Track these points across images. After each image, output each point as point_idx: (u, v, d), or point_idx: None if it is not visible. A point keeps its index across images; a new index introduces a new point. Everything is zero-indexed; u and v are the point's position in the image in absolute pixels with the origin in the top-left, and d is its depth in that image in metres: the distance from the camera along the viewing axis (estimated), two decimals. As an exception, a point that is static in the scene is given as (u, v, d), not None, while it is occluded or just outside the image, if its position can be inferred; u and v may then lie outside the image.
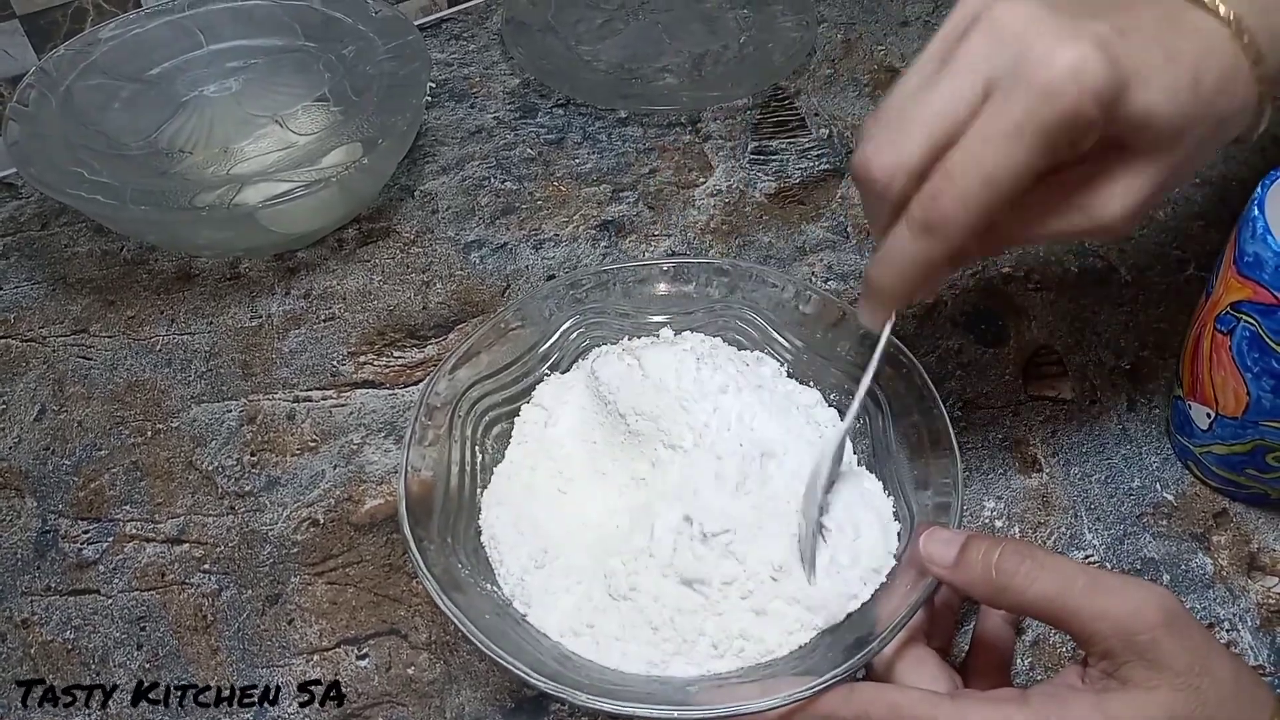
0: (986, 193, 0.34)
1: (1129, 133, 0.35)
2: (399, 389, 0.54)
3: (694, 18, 0.78)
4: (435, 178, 0.66)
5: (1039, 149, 0.33)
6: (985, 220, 0.34)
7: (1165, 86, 0.34)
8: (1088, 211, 0.37)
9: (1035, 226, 0.37)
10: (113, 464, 0.52)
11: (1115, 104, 0.33)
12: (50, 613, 0.46)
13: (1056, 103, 0.32)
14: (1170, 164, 0.36)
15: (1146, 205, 0.37)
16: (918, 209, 0.35)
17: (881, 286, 0.37)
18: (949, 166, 0.34)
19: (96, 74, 0.63)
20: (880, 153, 0.35)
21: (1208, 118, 0.36)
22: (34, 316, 0.59)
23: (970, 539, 0.36)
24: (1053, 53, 0.32)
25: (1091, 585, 0.33)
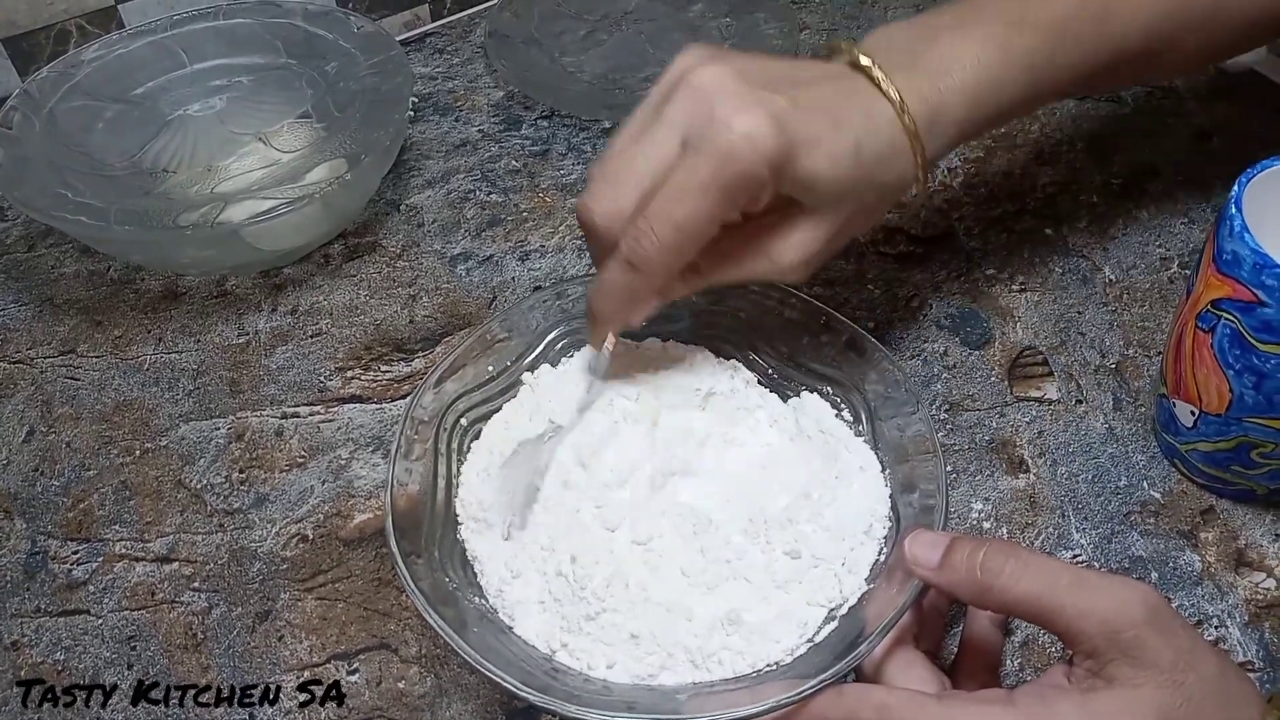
0: (678, 237, 0.39)
1: (799, 192, 0.41)
2: (387, 403, 0.54)
3: (676, 27, 0.79)
4: (420, 191, 0.66)
5: (721, 201, 0.38)
6: (680, 259, 0.40)
7: (829, 154, 0.40)
8: (770, 258, 0.42)
9: (727, 268, 0.43)
10: (101, 484, 0.52)
11: (784, 167, 0.39)
12: (40, 634, 0.46)
13: (733, 163, 0.38)
14: (836, 221, 0.42)
15: (819, 255, 0.43)
16: (624, 247, 0.40)
17: (598, 312, 0.43)
18: (649, 213, 0.39)
19: (80, 95, 0.63)
20: (599, 201, 0.40)
21: (868, 183, 0.42)
22: (21, 338, 0.59)
23: (955, 540, 0.36)
24: (732, 119, 0.38)
25: (1076, 583, 0.33)
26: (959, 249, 0.61)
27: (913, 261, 0.60)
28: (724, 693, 0.37)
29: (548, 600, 0.40)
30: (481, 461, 0.45)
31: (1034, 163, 0.66)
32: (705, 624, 0.39)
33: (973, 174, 0.66)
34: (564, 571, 0.40)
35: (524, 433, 0.45)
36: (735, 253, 0.43)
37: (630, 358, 0.48)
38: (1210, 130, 0.68)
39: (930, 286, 0.59)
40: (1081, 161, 0.66)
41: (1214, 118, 0.69)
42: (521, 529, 0.42)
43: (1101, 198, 0.64)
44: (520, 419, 0.46)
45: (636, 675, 0.38)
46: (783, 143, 0.38)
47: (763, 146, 0.38)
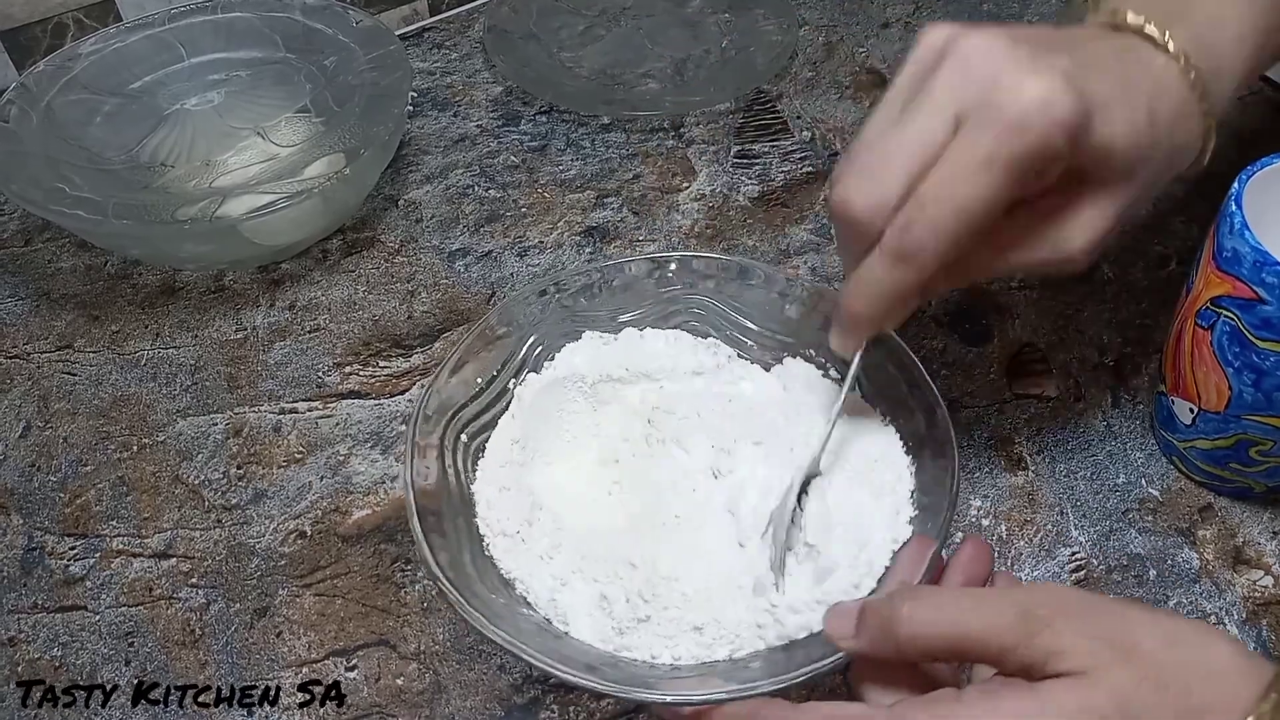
0: (958, 222, 0.34)
1: (1091, 164, 0.36)
2: (385, 399, 0.54)
3: (675, 23, 0.79)
4: (419, 187, 0.66)
5: (1009, 179, 0.34)
6: (956, 249, 0.35)
7: (1125, 119, 0.36)
8: (1053, 244, 0.38)
9: (1002, 258, 0.38)
10: (99, 479, 0.52)
11: (1081, 136, 0.35)
12: (38, 630, 0.46)
13: (1026, 134, 0.33)
14: (1128, 194, 0.38)
15: (1107, 236, 0.38)
16: (891, 239, 0.35)
17: (855, 313, 0.38)
18: (921, 197, 0.35)
19: (77, 89, 0.63)
20: (860, 192, 0.36)
21: (1163, 150, 0.38)
22: (18, 333, 0.59)
23: (866, 604, 0.34)
24: (1021, 85, 0.33)
25: (977, 604, 0.31)
26: (958, 246, 0.61)
27: (912, 258, 0.60)
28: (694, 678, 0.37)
29: (600, 603, 0.39)
30: (494, 478, 0.44)
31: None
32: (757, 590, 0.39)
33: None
34: (615, 574, 0.40)
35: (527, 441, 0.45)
36: (1013, 241, 0.38)
37: (608, 350, 0.48)
38: (1209, 128, 0.68)
39: (911, 314, 0.58)
40: (1080, 159, 0.66)
41: (1213, 115, 0.69)
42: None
43: (1100, 195, 0.64)
44: (518, 428, 0.46)
45: (700, 657, 0.38)
46: (1080, 108, 0.34)
47: (1060, 112, 0.34)
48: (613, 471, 0.44)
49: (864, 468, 0.42)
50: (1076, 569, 0.47)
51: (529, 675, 0.44)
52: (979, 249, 0.37)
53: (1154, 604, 0.45)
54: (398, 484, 0.51)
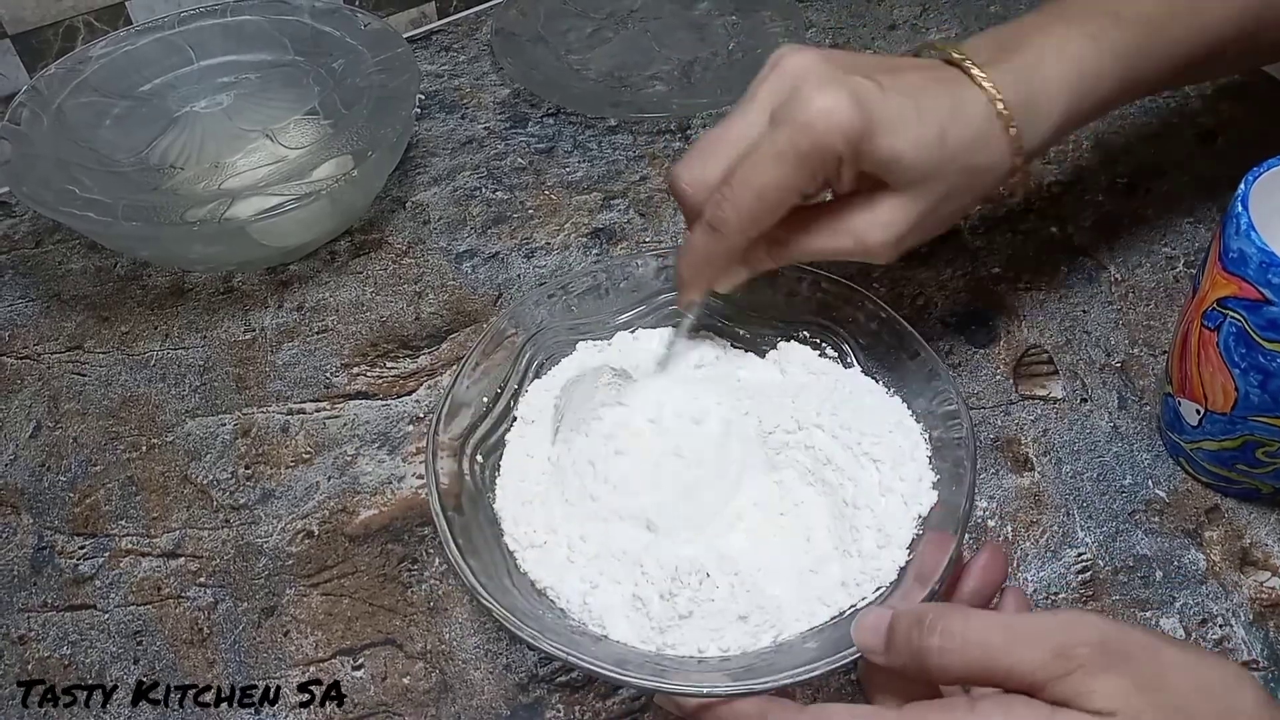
0: (756, 203, 0.41)
1: (881, 171, 0.42)
2: (392, 400, 0.55)
3: (682, 25, 0.79)
4: (426, 189, 0.67)
5: (797, 170, 0.40)
6: (758, 225, 0.42)
7: (911, 137, 0.41)
8: (855, 235, 0.43)
9: (814, 242, 0.44)
10: (108, 479, 0.52)
11: (862, 144, 0.40)
12: (47, 628, 0.46)
13: (809, 134, 0.40)
14: (924, 204, 0.43)
15: (906, 236, 0.43)
16: (707, 210, 0.42)
17: (682, 275, 0.45)
18: (731, 180, 0.41)
19: (88, 91, 0.63)
20: (688, 169, 0.43)
21: (955, 169, 0.43)
22: (28, 334, 0.59)
23: (894, 619, 0.34)
24: (814, 96, 0.40)
25: (1011, 640, 0.31)
26: (964, 248, 0.61)
27: (918, 260, 0.60)
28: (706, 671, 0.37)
29: (634, 603, 0.40)
30: (514, 493, 0.44)
31: (1039, 161, 0.66)
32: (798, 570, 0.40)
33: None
34: (646, 573, 0.40)
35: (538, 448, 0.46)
36: (822, 229, 0.44)
37: (604, 356, 0.48)
38: (1216, 130, 0.68)
39: (935, 285, 0.59)
40: (1087, 161, 0.66)
41: (1220, 117, 0.69)
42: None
43: (1107, 197, 0.64)
44: (529, 441, 0.46)
45: (746, 647, 0.38)
46: (860, 118, 0.40)
47: (838, 120, 0.40)
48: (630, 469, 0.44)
49: (880, 438, 0.43)
50: (1083, 570, 0.47)
51: (535, 675, 0.44)
52: (795, 232, 0.44)
53: (1160, 605, 0.45)
54: (405, 484, 0.51)
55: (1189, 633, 0.44)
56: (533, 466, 0.45)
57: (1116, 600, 0.45)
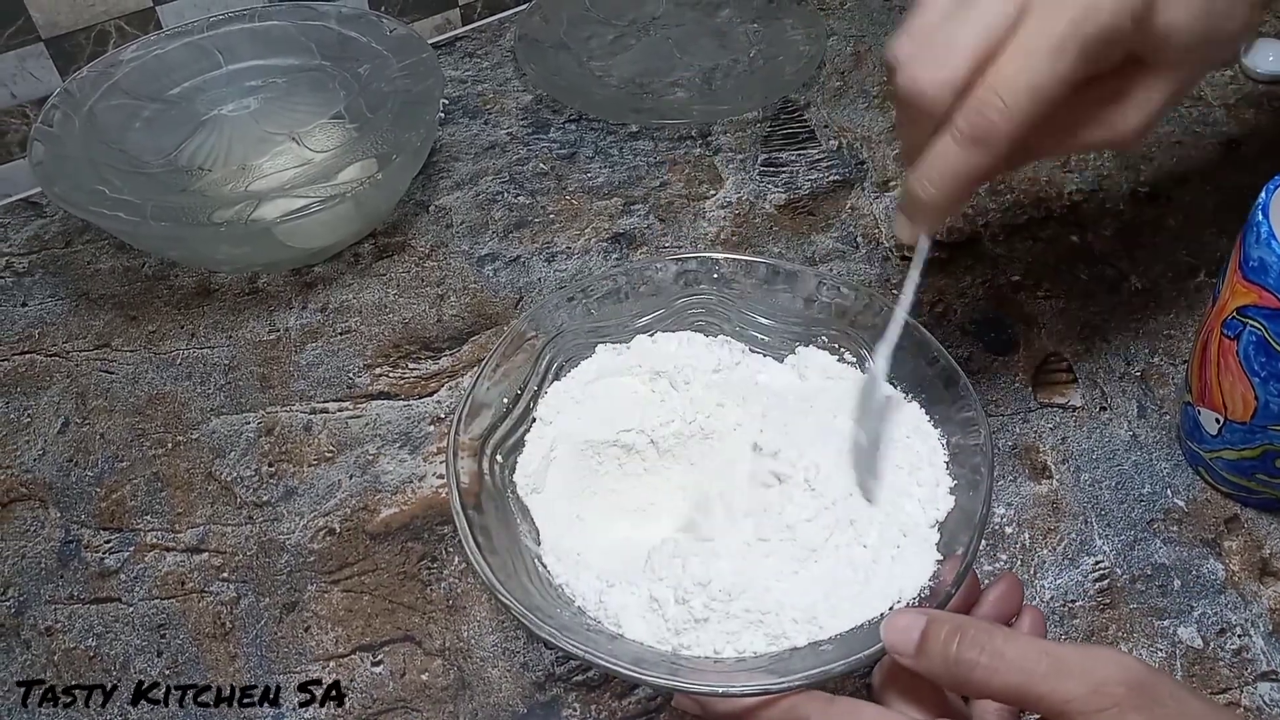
0: (1031, 103, 0.36)
1: (1150, 48, 0.38)
2: (414, 400, 0.55)
3: (704, 32, 0.79)
4: (449, 193, 0.67)
5: (1079, 60, 0.36)
6: (1027, 130, 0.36)
7: (1184, 6, 0.37)
8: (1109, 124, 0.40)
9: (1060, 139, 0.40)
10: (134, 475, 0.53)
11: (1144, 20, 0.36)
12: (73, 620, 0.47)
13: (1097, 17, 0.35)
14: (1179, 79, 0.39)
15: (1159, 117, 0.40)
16: (963, 121, 0.37)
17: (926, 198, 0.39)
18: (994, 79, 0.36)
19: (118, 94, 0.64)
20: (928, 71, 0.37)
21: (1216, 37, 0.39)
22: (58, 332, 0.60)
23: (930, 624, 0.34)
24: None
25: (1053, 670, 0.31)
26: (984, 255, 0.61)
27: (937, 267, 0.60)
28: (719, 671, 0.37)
29: (649, 606, 0.40)
30: (533, 492, 0.44)
31: (1060, 170, 0.66)
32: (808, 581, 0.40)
33: (999, 181, 0.66)
34: (662, 579, 0.40)
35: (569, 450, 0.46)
36: (1068, 122, 0.40)
37: (623, 360, 0.48)
38: (1239, 139, 0.68)
39: (955, 292, 0.59)
40: (1109, 169, 0.66)
41: (1242, 126, 0.69)
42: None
43: (1129, 205, 0.64)
44: (548, 440, 0.47)
45: (762, 650, 0.38)
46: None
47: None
48: (648, 470, 0.45)
49: (897, 443, 0.43)
50: (1100, 578, 0.46)
51: (552, 674, 0.44)
52: (1041, 131, 0.38)
53: (1178, 614, 0.45)
54: (425, 484, 0.51)
55: (1207, 642, 0.44)
56: (553, 468, 0.46)
57: (1134, 609, 0.45)
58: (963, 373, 0.44)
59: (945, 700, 0.36)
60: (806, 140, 0.70)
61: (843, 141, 0.70)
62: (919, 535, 0.41)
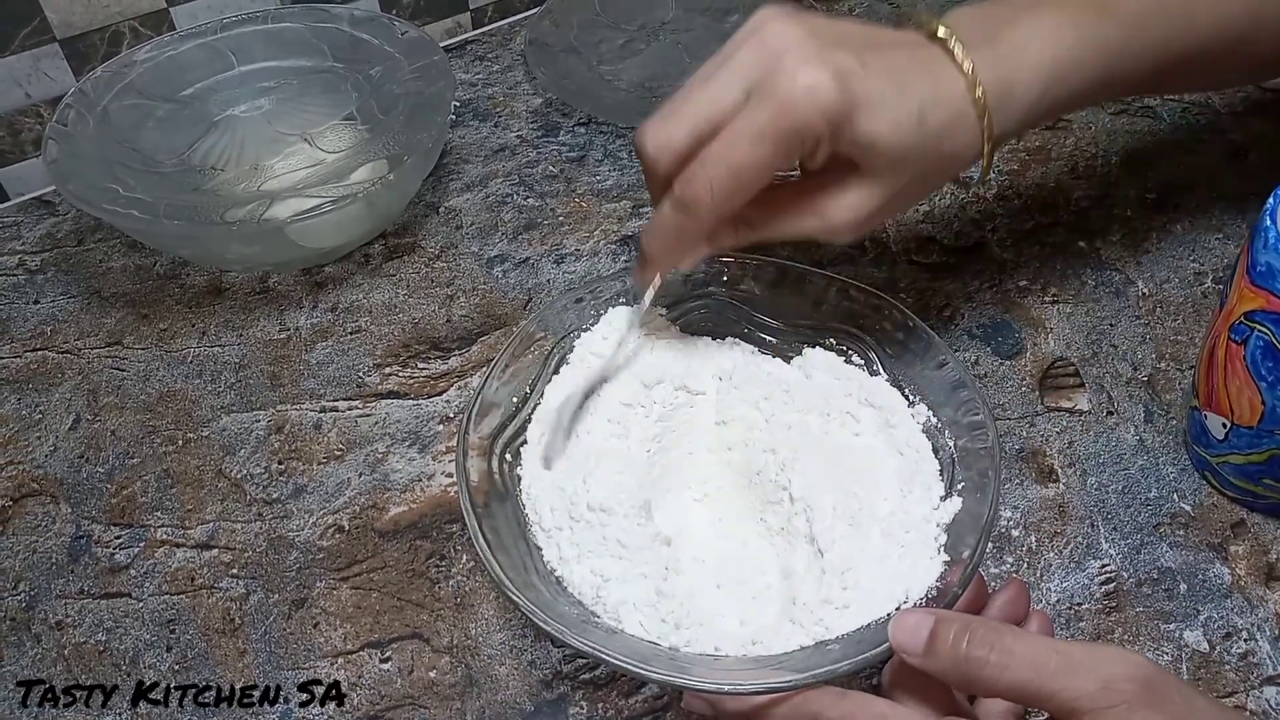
0: (731, 181, 0.40)
1: (857, 152, 0.41)
2: (423, 400, 0.55)
3: (714, 37, 0.80)
4: (459, 194, 0.68)
5: (775, 150, 0.39)
6: (731, 205, 0.40)
7: (891, 119, 0.40)
8: (822, 215, 0.43)
9: (780, 223, 0.44)
10: (144, 472, 0.53)
11: (842, 125, 0.39)
12: (83, 615, 0.47)
13: (792, 114, 0.39)
14: (894, 185, 0.42)
15: (871, 218, 0.43)
16: (677, 188, 0.41)
17: (647, 251, 0.44)
18: (704, 155, 0.40)
19: (132, 94, 0.65)
20: (655, 132, 0.41)
21: (930, 152, 0.42)
22: (69, 329, 0.60)
23: (938, 623, 0.34)
24: (796, 73, 0.39)
25: (1063, 667, 0.32)
26: (992, 260, 0.61)
27: (945, 271, 0.60)
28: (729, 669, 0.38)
29: (649, 602, 0.40)
30: (536, 489, 0.45)
31: (1068, 176, 0.67)
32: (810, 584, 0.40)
33: (1006, 186, 0.66)
34: (652, 575, 0.40)
35: None
36: (788, 208, 0.43)
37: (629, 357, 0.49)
38: (1246, 146, 0.68)
39: (962, 296, 0.59)
40: (1116, 175, 0.66)
41: (1249, 133, 0.69)
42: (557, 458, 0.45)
43: (1135, 211, 0.64)
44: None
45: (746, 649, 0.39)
46: (843, 99, 0.39)
47: (822, 100, 0.39)
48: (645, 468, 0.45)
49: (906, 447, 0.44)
50: (1106, 581, 0.47)
51: (559, 671, 0.45)
52: (761, 211, 0.43)
53: (1184, 617, 0.45)
54: (434, 482, 0.52)
55: (1213, 646, 0.44)
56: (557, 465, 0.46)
57: (1140, 612, 0.46)
58: (969, 376, 0.44)
59: (954, 699, 0.36)
60: (815, 145, 0.70)
61: (851, 146, 0.70)
62: (925, 537, 0.41)
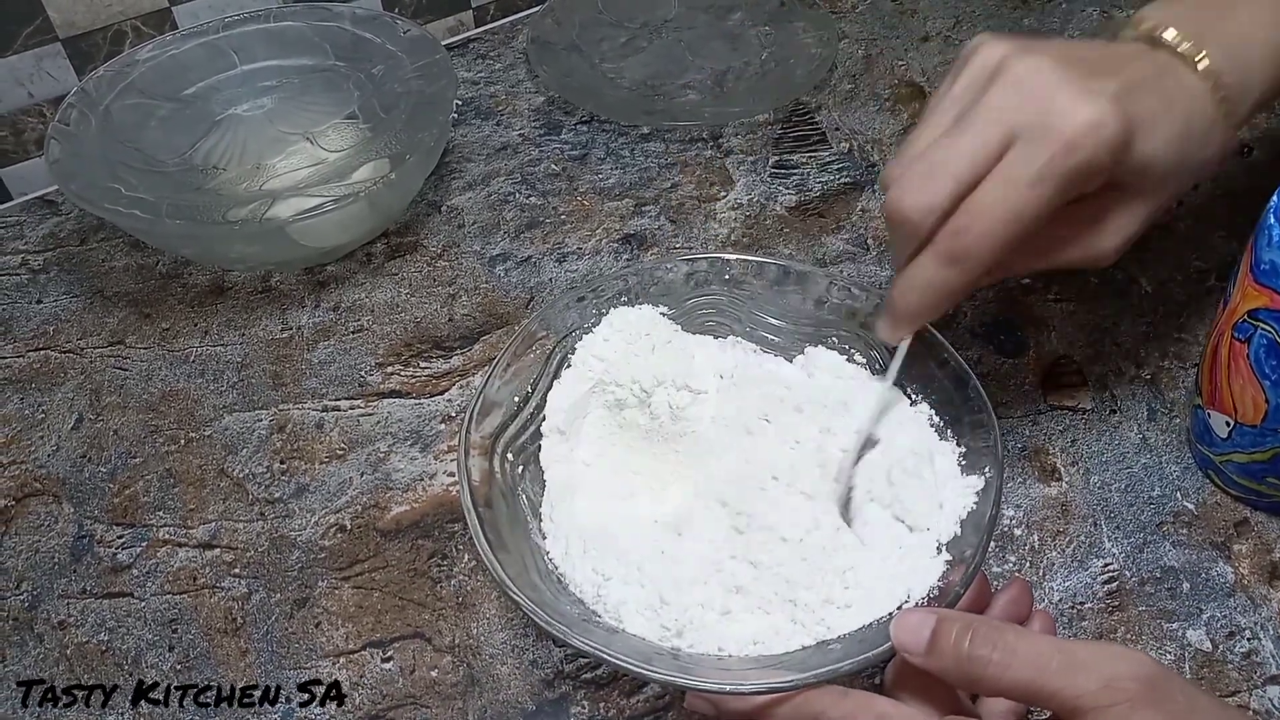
0: (1009, 230, 0.38)
1: (1129, 177, 0.40)
2: (425, 399, 0.55)
3: (716, 35, 0.80)
4: (461, 193, 0.68)
5: (1058, 192, 0.38)
6: (1004, 254, 0.39)
7: (1164, 138, 0.39)
8: (1087, 245, 0.42)
9: (1038, 258, 0.42)
10: (147, 471, 0.53)
11: (1124, 153, 0.38)
12: (86, 615, 0.47)
13: (1077, 153, 0.37)
14: (1158, 202, 0.42)
15: (1136, 237, 0.42)
16: (944, 242, 0.39)
17: (905, 307, 0.42)
18: (974, 206, 0.38)
19: (134, 94, 0.65)
20: (913, 195, 0.39)
21: (1193, 163, 0.41)
22: (72, 329, 0.61)
23: (940, 623, 0.34)
24: (1074, 108, 0.37)
25: (1066, 666, 0.32)
26: (994, 258, 0.61)
27: (948, 270, 0.60)
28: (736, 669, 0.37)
29: (650, 602, 0.40)
30: (543, 487, 0.45)
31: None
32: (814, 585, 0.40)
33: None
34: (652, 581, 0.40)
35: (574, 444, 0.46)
36: (1051, 243, 0.42)
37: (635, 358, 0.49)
38: (1249, 143, 0.68)
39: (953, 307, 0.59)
40: (1120, 173, 0.66)
41: (1254, 131, 0.69)
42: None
43: (1139, 210, 0.64)
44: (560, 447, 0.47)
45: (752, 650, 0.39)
46: (1126, 128, 0.38)
47: (1107, 134, 0.37)
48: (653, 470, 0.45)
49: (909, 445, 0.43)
50: (1109, 580, 0.46)
51: (560, 671, 0.45)
52: (1021, 250, 0.40)
53: (1187, 616, 0.45)
54: (436, 482, 0.52)
55: (1216, 645, 0.44)
56: (559, 465, 0.46)
57: (1143, 611, 0.45)
58: (973, 375, 0.44)
59: (956, 699, 0.36)
60: (817, 143, 0.70)
61: (854, 144, 0.70)
62: (927, 536, 0.41)
